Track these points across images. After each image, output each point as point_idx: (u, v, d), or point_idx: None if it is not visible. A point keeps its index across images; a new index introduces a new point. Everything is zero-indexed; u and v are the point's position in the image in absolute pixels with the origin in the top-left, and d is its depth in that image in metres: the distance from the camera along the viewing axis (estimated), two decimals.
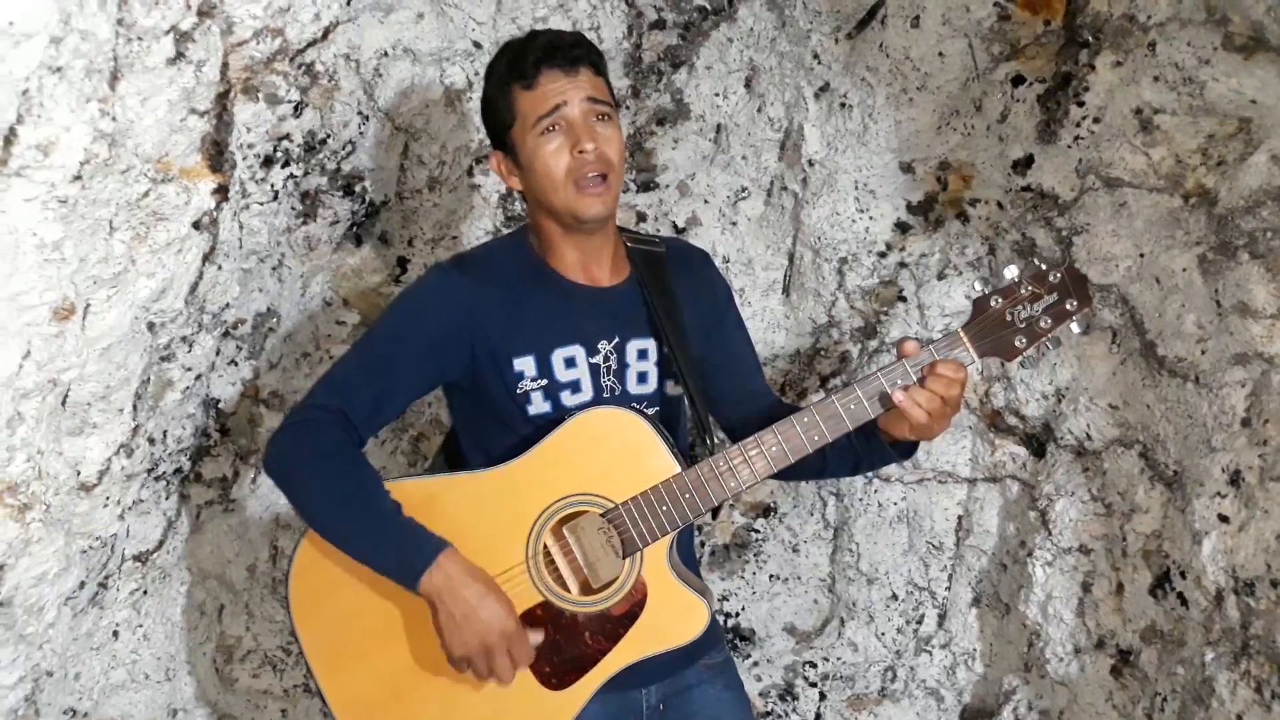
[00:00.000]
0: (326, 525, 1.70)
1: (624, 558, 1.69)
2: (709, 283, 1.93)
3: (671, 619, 1.72)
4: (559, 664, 1.71)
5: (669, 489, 1.68)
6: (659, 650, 1.72)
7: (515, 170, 1.78)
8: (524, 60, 1.71)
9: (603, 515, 1.69)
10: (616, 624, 1.71)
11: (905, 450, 1.77)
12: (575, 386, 1.76)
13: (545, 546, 1.71)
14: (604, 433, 1.71)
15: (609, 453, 1.70)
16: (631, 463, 1.70)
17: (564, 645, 1.71)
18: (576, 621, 1.71)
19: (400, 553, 1.65)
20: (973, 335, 1.67)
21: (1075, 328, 1.69)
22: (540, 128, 1.70)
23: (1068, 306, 1.67)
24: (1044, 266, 1.68)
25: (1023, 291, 1.66)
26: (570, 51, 1.71)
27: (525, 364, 1.74)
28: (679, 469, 1.69)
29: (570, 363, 1.76)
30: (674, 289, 1.83)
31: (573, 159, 1.70)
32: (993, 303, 1.67)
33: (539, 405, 1.75)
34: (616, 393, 1.79)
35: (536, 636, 1.70)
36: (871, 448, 1.77)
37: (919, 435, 1.69)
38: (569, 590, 1.71)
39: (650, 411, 1.81)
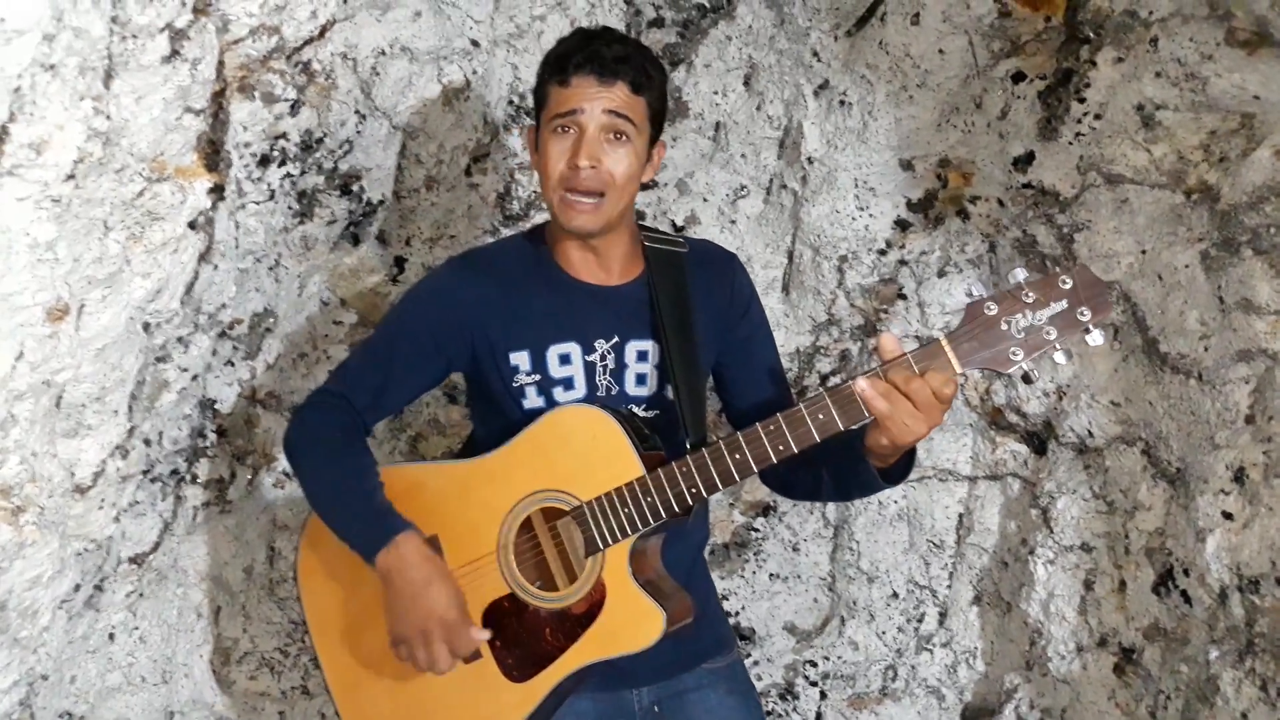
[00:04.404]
0: (315, 498, 1.79)
1: (585, 557, 1.69)
2: (729, 285, 1.89)
3: (625, 625, 1.68)
4: (521, 656, 1.73)
5: (631, 491, 1.66)
6: (611, 655, 1.69)
7: (534, 152, 1.82)
8: (567, 57, 1.73)
9: (569, 513, 1.69)
10: (575, 623, 1.70)
11: (892, 475, 1.65)
12: (569, 383, 1.77)
13: (528, 539, 1.72)
14: (575, 430, 1.71)
15: (578, 451, 1.70)
16: (599, 462, 1.69)
17: (527, 639, 1.72)
18: (539, 616, 1.72)
19: (365, 528, 1.71)
20: (958, 344, 1.50)
21: (1093, 339, 1.49)
22: (555, 124, 1.73)
23: (1079, 315, 1.47)
24: (1055, 269, 1.55)
25: (1024, 298, 1.49)
26: (611, 64, 1.70)
27: (520, 358, 1.77)
28: (643, 471, 1.66)
29: (565, 359, 1.77)
30: (689, 289, 1.81)
31: (568, 168, 1.70)
32: (987, 308, 1.50)
33: (533, 400, 1.78)
34: (613, 392, 1.79)
35: (483, 634, 1.70)
36: (858, 471, 1.65)
37: (892, 438, 1.52)
38: (540, 586, 1.73)
39: (649, 414, 1.80)
